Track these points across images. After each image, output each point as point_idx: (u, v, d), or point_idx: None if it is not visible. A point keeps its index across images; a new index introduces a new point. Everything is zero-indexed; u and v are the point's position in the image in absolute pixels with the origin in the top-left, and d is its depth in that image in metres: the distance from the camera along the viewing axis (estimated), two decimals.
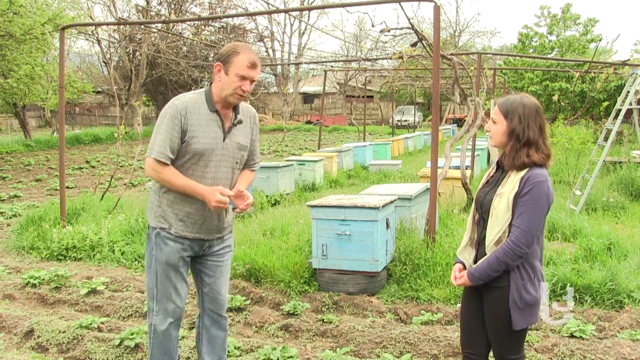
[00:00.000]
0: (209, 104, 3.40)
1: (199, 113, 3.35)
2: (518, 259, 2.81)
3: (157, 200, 3.46)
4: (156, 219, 3.45)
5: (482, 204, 3.01)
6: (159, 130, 3.30)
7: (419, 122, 41.30)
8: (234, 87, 3.34)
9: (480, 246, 3.02)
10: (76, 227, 8.02)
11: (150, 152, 3.30)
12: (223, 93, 3.37)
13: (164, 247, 3.43)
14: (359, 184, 13.83)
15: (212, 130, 3.39)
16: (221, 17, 12.55)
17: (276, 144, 25.91)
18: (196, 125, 3.33)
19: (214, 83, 3.42)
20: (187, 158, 3.35)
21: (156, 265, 3.46)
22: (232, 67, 3.33)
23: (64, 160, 8.79)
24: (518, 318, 2.85)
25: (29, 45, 17.28)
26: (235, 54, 3.34)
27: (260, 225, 8.18)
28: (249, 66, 3.35)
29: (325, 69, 22.50)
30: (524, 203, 2.78)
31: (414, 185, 7.48)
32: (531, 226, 2.77)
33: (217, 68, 3.38)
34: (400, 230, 6.51)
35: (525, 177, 2.82)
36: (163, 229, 3.43)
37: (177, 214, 3.42)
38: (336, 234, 5.81)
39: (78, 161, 20.22)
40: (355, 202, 5.80)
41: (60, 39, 8.78)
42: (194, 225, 3.46)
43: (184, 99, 3.35)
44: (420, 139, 25.00)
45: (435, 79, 6.62)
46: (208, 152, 3.37)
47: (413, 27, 7.45)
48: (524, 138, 2.86)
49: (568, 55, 26.19)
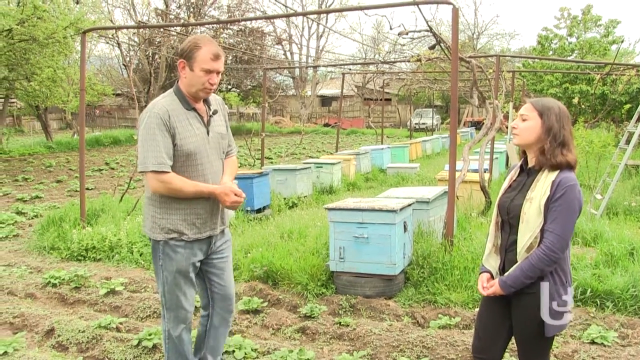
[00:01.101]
0: (183, 102, 3.38)
1: (179, 114, 3.33)
2: (553, 265, 2.76)
3: (159, 212, 3.40)
4: (162, 231, 3.40)
5: (508, 209, 2.95)
6: (147, 142, 3.23)
7: (437, 125, 41.15)
8: (202, 82, 3.33)
9: (507, 252, 2.95)
10: (95, 228, 8.08)
11: (145, 166, 3.23)
12: (192, 89, 3.36)
13: (174, 255, 3.42)
14: (376, 187, 13.80)
15: (195, 127, 3.39)
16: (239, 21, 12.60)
17: (294, 147, 25.93)
18: (181, 126, 3.31)
19: (181, 81, 3.40)
20: (181, 161, 3.33)
21: (165, 275, 3.45)
22: (196, 62, 3.30)
23: (84, 162, 8.87)
24: (550, 324, 2.80)
25: (51, 49, 17.47)
26: (197, 48, 3.30)
27: (278, 228, 8.19)
28: (212, 59, 3.31)
29: (343, 72, 22.49)
30: (557, 208, 2.73)
31: (431, 189, 7.44)
32: (565, 231, 2.73)
33: (181, 65, 3.35)
34: (417, 233, 6.48)
35: (556, 181, 2.77)
36: (172, 239, 3.40)
37: (186, 219, 3.40)
38: (354, 237, 5.80)
39: (98, 163, 20.39)
40: (372, 205, 5.78)
41: (82, 42, 8.87)
42: (204, 225, 3.47)
43: (160, 105, 3.31)
44: (438, 141, 24.90)
45: (453, 82, 6.59)
46: (198, 149, 3.37)
47: (431, 29, 7.42)
48: (561, 137, 2.83)
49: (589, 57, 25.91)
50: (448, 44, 7.63)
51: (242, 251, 6.96)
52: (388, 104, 49.22)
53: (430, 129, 37.56)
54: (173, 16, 30.91)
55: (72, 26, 16.55)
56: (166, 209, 3.38)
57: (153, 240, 3.45)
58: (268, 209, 10.34)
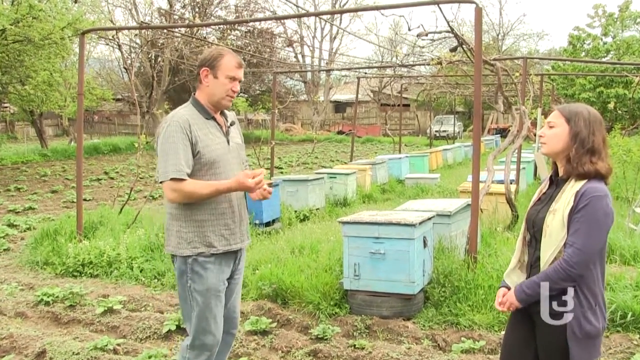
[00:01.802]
0: (203, 112, 3.52)
1: (199, 123, 3.46)
2: (570, 280, 2.71)
3: (185, 226, 3.45)
4: (190, 246, 3.44)
5: (534, 222, 2.92)
6: (167, 151, 3.34)
7: (459, 133, 41.02)
8: (226, 90, 3.51)
9: (532, 269, 2.92)
10: (93, 242, 8.11)
11: (166, 175, 3.33)
12: (214, 98, 3.52)
13: (204, 273, 3.45)
14: (394, 199, 13.78)
15: (216, 136, 3.52)
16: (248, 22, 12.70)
17: (305, 156, 25.96)
18: (202, 134, 3.44)
19: (201, 90, 3.55)
20: (204, 169, 3.43)
21: (195, 297, 3.46)
22: (221, 69, 3.49)
23: (81, 171, 8.92)
24: (577, 352, 2.72)
25: (47, 51, 17.62)
26: (221, 56, 3.50)
27: (288, 242, 8.18)
28: (236, 66, 3.52)
29: (358, 76, 22.51)
30: (579, 219, 2.69)
31: (453, 201, 7.41)
32: (586, 245, 2.67)
33: (204, 73, 3.51)
34: (438, 249, 6.45)
35: (581, 191, 2.73)
36: (201, 254, 3.44)
37: (215, 230, 3.46)
38: (369, 253, 5.78)
39: (96, 172, 20.52)
40: (390, 219, 5.76)
41: (80, 44, 8.95)
42: (232, 236, 3.54)
43: (181, 114, 3.44)
44: (461, 150, 24.82)
45: (476, 86, 6.56)
46: (220, 157, 3.48)
47: (452, 30, 7.41)
48: (589, 143, 2.79)
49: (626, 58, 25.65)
50: (471, 45, 7.62)
51: (249, 267, 6.95)
52: (406, 110, 49.18)
53: (451, 136, 37.48)
54: (177, 17, 31.12)
55: (70, 27, 16.69)
56: (192, 221, 3.45)
57: (179, 257, 3.48)
58: (278, 222, 10.34)
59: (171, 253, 3.52)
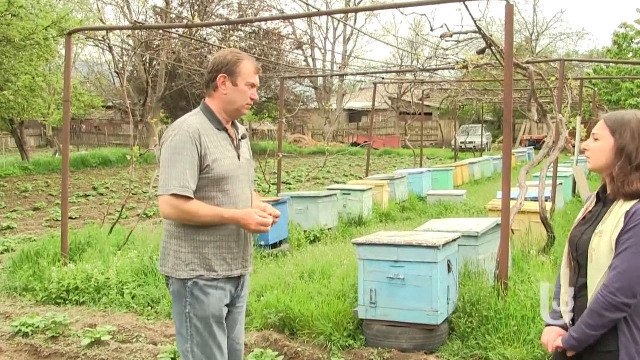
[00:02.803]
0: (214, 122, 3.53)
1: (209, 134, 3.47)
2: (615, 310, 2.63)
3: (184, 246, 3.45)
4: (188, 268, 3.43)
5: (577, 245, 2.86)
6: (172, 163, 3.35)
7: (487, 144, 40.96)
8: (246, 98, 3.54)
9: (577, 299, 2.86)
10: (79, 265, 8.12)
11: (167, 188, 3.33)
12: (233, 106, 3.55)
13: (204, 298, 3.43)
14: (414, 218, 13.76)
15: (227, 150, 3.53)
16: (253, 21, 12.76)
17: (316, 170, 25.98)
18: (213, 147, 3.44)
19: (215, 98, 3.56)
20: (211, 186, 3.43)
21: (195, 324, 3.44)
22: (241, 76, 3.51)
23: (67, 186, 8.95)
24: None
25: (29, 53, 17.72)
26: (240, 61, 3.51)
27: (297, 266, 8.17)
28: (255, 72, 3.55)
29: (375, 81, 22.52)
30: (626, 241, 2.62)
31: (481, 221, 7.38)
32: (631, 268, 2.60)
33: (222, 80, 3.50)
34: (464, 274, 6.42)
35: (632, 210, 2.66)
36: (200, 277, 3.43)
37: (217, 253, 3.46)
38: (387, 278, 5.76)
39: (84, 187, 20.62)
40: (410, 240, 5.75)
41: (66, 45, 9.01)
42: (235, 261, 3.54)
43: (191, 123, 3.45)
44: (489, 164, 24.76)
45: (507, 93, 6.56)
46: (231, 173, 3.49)
47: (480, 30, 7.42)
48: (638, 159, 2.72)
49: None
50: (501, 47, 7.62)
51: (254, 294, 6.94)
52: (428, 119, 49.15)
53: (479, 148, 37.40)
54: (174, 16, 31.37)
55: (55, 26, 16.79)
56: (193, 241, 3.44)
57: (177, 280, 3.46)
58: (285, 243, 10.34)
59: (167, 275, 3.51)
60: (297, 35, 47.95)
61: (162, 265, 3.53)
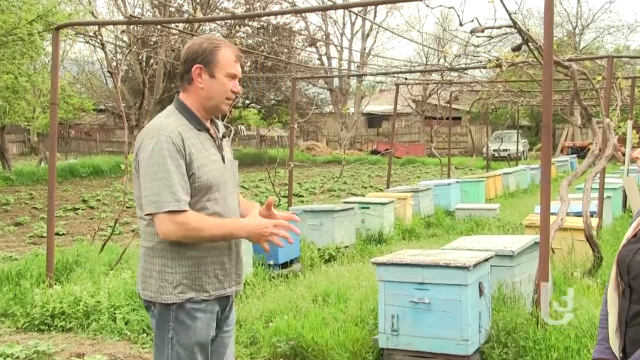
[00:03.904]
0: (194, 122, 3.43)
1: (191, 137, 3.38)
2: None
3: (170, 264, 3.36)
4: (177, 291, 3.35)
5: (628, 267, 2.80)
6: (159, 175, 3.25)
7: (523, 153, 40.86)
8: (225, 91, 3.44)
9: (628, 328, 2.79)
10: (66, 287, 8.11)
11: (160, 205, 3.23)
12: (211, 102, 3.44)
13: (191, 323, 3.37)
14: (441, 234, 13.77)
15: (211, 153, 3.45)
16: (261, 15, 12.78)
17: (331, 181, 25.98)
18: (196, 151, 3.36)
19: (190, 93, 3.46)
20: (197, 197, 3.36)
21: (177, 351, 3.37)
22: (219, 66, 3.40)
23: (54, 199, 8.97)
24: None
25: (11, 49, 17.79)
26: (217, 48, 3.41)
27: (310, 289, 8.17)
28: (235, 60, 3.45)
29: (396, 82, 22.52)
30: None
31: (517, 238, 7.35)
32: None
33: (197, 72, 3.40)
34: (498, 298, 6.39)
35: None
36: (189, 300, 3.36)
37: (208, 270, 3.39)
38: (411, 302, 5.74)
39: (72, 200, 20.70)
40: (436, 260, 5.73)
41: (54, 41, 9.05)
42: (227, 277, 3.48)
43: (170, 126, 3.33)
44: (526, 174, 24.69)
45: (546, 94, 6.52)
46: (217, 181, 3.42)
47: (516, 24, 7.40)
48: None
49: None
50: (539, 43, 7.59)
51: (261, 319, 6.93)
52: (457, 125, 49.15)
53: (514, 157, 37.29)
54: (174, 9, 31.57)
55: (41, 20, 16.85)
56: (180, 259, 3.35)
57: (160, 305, 3.38)
58: (297, 262, 10.33)
59: (149, 300, 3.41)
60: (311, 31, 48.11)
61: (143, 288, 3.42)
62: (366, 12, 46.18)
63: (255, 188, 24.65)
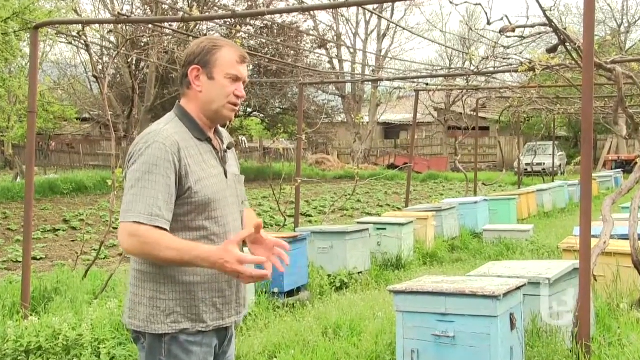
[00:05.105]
0: (194, 130, 3.43)
1: (190, 147, 3.37)
2: None
3: (163, 289, 3.34)
4: (169, 320, 3.32)
5: None
6: (143, 183, 3.23)
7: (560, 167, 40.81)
8: (227, 94, 3.41)
9: None
10: (44, 319, 8.10)
11: (129, 215, 3.20)
12: (211, 107, 3.43)
13: (185, 358, 3.35)
14: (467, 259, 13.79)
15: (212, 166, 3.44)
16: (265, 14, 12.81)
17: (344, 199, 25.97)
18: (194, 163, 3.35)
19: (190, 98, 3.47)
20: (194, 214, 3.34)
21: None
22: (218, 66, 3.40)
23: (31, 218, 8.98)
24: None
25: None
26: (216, 48, 3.42)
27: (319, 320, 8.17)
28: (239, 61, 3.44)
29: (416, 88, 22.55)
30: None
31: (553, 264, 7.33)
32: None
33: (195, 73, 3.41)
34: (532, 332, 6.37)
35: None
36: (183, 331, 3.33)
37: (205, 298, 3.36)
38: (433, 336, 5.72)
39: (52, 220, 20.72)
40: (462, 288, 5.71)
41: (32, 42, 9.09)
42: (226, 305, 3.45)
43: (166, 133, 3.33)
44: (563, 192, 24.65)
45: (586, 101, 6.51)
46: (217, 197, 3.40)
47: (551, 22, 7.40)
48: None
49: None
50: (578, 43, 7.58)
51: (264, 355, 6.93)
52: (485, 135, 49.15)
53: (549, 172, 37.27)
54: (167, 6, 31.71)
55: (17, 18, 16.90)
56: (175, 284, 3.32)
57: (151, 336, 3.35)
58: (304, 290, 10.31)
59: (137, 330, 3.37)
60: (320, 30, 48.29)
61: (131, 317, 3.39)
62: (382, 10, 46.33)
63: (258, 206, 24.66)
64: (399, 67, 43.90)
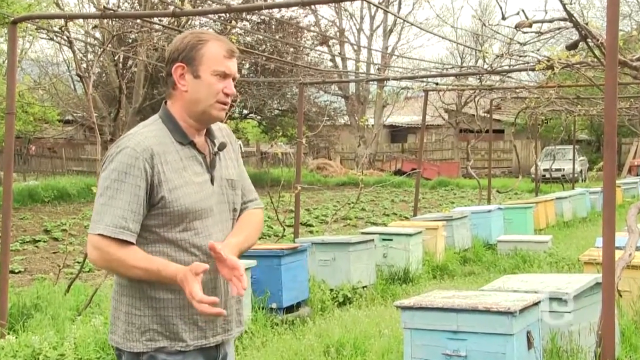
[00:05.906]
0: (176, 134, 3.40)
1: (167, 153, 3.34)
2: None
3: (139, 305, 3.32)
4: (144, 337, 3.30)
5: None
6: (111, 193, 3.23)
7: (581, 173, 40.82)
8: (215, 93, 3.36)
9: None
10: (22, 337, 8.09)
11: (94, 227, 3.22)
12: (198, 107, 3.38)
13: None
14: (480, 272, 13.81)
15: (193, 173, 3.38)
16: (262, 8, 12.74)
17: (347, 207, 25.97)
18: (170, 170, 3.32)
19: (175, 99, 3.44)
20: (169, 227, 3.32)
21: None
22: (204, 62, 3.35)
23: (9, 229, 8.99)
24: None
25: None
26: (201, 42, 3.37)
27: (321, 338, 8.18)
28: (227, 55, 3.39)
29: (425, 88, 22.58)
30: None
31: (573, 277, 7.32)
32: None
33: (179, 72, 3.37)
34: (551, 352, 6.36)
35: None
36: (160, 350, 3.30)
37: (184, 315, 3.32)
38: (443, 355, 5.72)
39: (32, 230, 20.73)
40: (474, 303, 5.71)
41: (10, 38, 9.11)
42: (211, 323, 3.39)
43: (140, 137, 3.31)
44: (584, 200, 24.66)
45: (609, 101, 6.50)
46: (196, 207, 3.35)
47: (571, 17, 7.40)
48: None
49: None
50: (600, 39, 7.58)
51: None
52: (499, 139, 49.19)
53: (569, 178, 37.27)
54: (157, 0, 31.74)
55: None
56: (150, 299, 3.30)
57: (129, 354, 3.33)
58: (305, 306, 10.31)
59: (117, 346, 3.37)
60: (322, 26, 48.35)
61: (112, 331, 3.40)
62: (389, 4, 46.41)
63: None
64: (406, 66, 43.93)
